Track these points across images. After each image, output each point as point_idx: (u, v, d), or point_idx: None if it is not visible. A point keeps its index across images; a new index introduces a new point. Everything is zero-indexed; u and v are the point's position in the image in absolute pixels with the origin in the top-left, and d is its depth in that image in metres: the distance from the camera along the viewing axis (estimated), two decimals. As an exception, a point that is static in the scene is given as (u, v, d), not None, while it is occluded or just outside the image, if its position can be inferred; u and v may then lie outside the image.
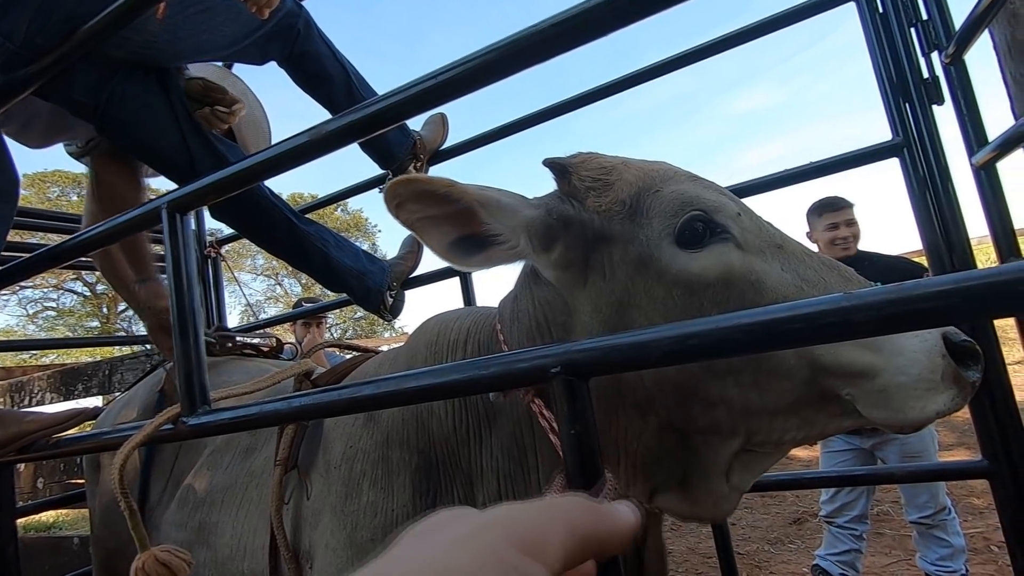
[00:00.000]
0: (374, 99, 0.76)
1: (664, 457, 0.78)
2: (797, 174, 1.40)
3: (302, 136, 0.82)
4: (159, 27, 1.33)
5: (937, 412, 0.65)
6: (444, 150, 2.05)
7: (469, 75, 0.69)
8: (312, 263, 1.81)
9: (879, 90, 1.30)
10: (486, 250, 0.82)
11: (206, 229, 2.81)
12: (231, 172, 0.89)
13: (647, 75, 1.64)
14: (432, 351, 0.98)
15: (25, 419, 1.26)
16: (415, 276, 2.03)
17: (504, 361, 0.65)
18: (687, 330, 0.54)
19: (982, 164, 1.16)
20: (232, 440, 1.31)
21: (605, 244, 0.78)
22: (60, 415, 1.27)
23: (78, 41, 1.11)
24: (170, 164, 1.55)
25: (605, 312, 0.77)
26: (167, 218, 0.94)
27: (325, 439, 1.07)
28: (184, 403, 0.92)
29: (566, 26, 0.62)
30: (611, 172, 0.81)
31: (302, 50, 1.70)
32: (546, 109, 1.78)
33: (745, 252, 0.74)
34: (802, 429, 0.73)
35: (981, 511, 3.71)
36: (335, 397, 0.78)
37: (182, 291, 0.94)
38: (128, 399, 1.68)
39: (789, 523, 4.09)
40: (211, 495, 1.25)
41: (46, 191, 19.53)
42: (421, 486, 0.91)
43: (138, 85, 1.45)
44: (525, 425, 0.85)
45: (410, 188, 0.77)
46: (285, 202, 1.80)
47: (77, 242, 1.08)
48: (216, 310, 2.59)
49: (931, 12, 1.24)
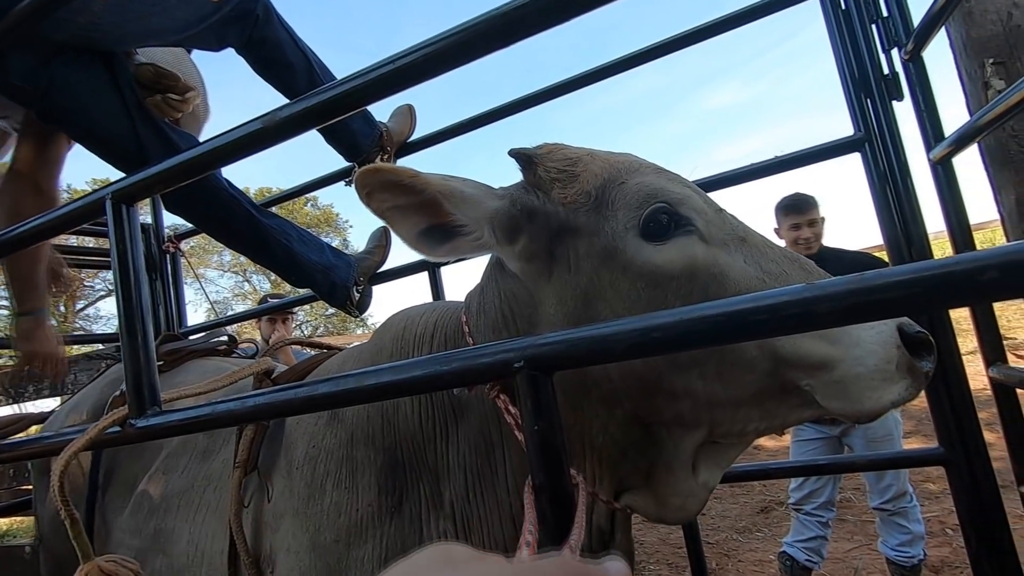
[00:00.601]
0: (332, 83, 0.73)
1: (629, 450, 0.78)
2: (762, 168, 1.42)
3: (255, 123, 0.78)
4: (103, 8, 1.26)
5: (892, 402, 0.67)
6: (412, 142, 2.01)
7: (431, 59, 0.67)
8: (275, 258, 1.76)
9: (841, 85, 1.32)
10: (452, 240, 0.81)
11: (165, 224, 2.71)
12: (180, 160, 0.85)
13: (618, 67, 1.63)
14: (398, 346, 0.96)
15: None
16: (383, 271, 1.98)
17: (466, 356, 0.63)
18: (651, 323, 0.53)
19: (939, 159, 1.19)
20: (188, 442, 1.26)
21: (570, 236, 0.78)
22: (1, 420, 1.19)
23: (10, 23, 1.03)
24: (118, 154, 1.47)
25: (570, 305, 0.76)
26: (111, 209, 0.89)
27: (287, 439, 1.04)
28: (132, 404, 0.87)
29: (530, 8, 0.60)
30: (577, 163, 0.80)
31: (261, 36, 1.64)
32: (517, 100, 1.76)
33: (709, 245, 0.74)
34: (764, 420, 0.73)
35: (937, 496, 3.86)
36: (292, 396, 0.75)
37: (128, 286, 0.89)
38: (78, 401, 1.60)
39: (756, 512, 4.18)
40: (167, 500, 1.20)
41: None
42: (387, 485, 0.89)
43: (83, 70, 1.36)
44: (492, 420, 0.84)
45: (377, 178, 0.77)
46: (245, 195, 1.73)
47: (11, 236, 1.01)
48: (176, 309, 2.50)
49: (891, 9, 1.27)
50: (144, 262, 0.94)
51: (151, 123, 1.47)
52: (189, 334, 2.42)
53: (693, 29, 1.52)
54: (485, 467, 0.84)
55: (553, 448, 0.58)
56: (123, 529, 1.28)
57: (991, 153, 1.29)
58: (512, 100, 1.77)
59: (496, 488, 0.83)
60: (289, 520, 0.95)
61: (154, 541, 1.17)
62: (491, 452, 0.84)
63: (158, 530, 1.17)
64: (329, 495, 0.92)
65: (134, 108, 1.44)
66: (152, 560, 1.13)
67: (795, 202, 2.89)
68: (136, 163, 1.46)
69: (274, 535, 0.97)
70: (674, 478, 0.77)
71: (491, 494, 0.84)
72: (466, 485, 0.85)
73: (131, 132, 1.42)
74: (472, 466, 0.85)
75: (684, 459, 0.77)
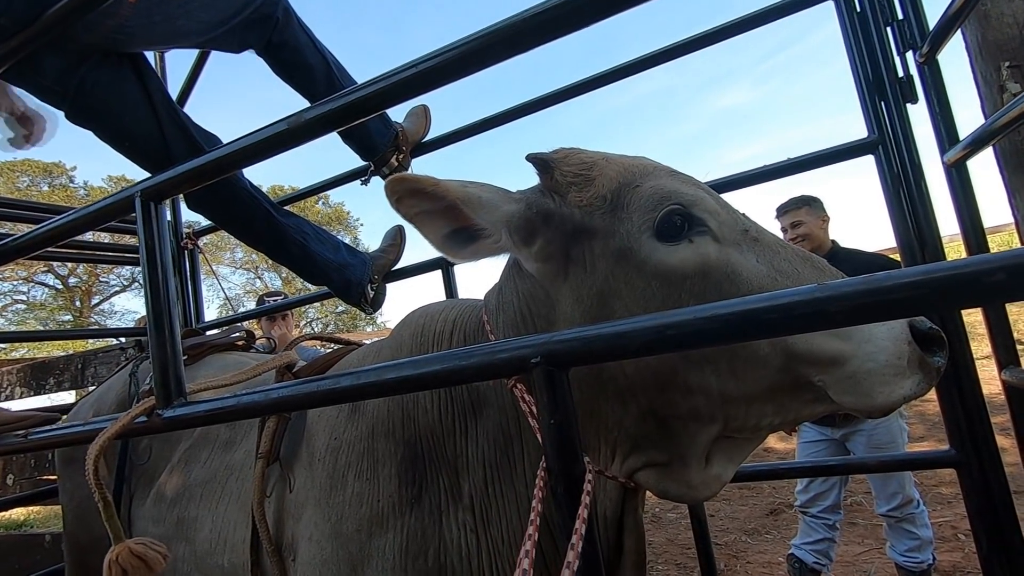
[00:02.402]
0: (354, 87, 0.75)
1: (644, 443, 0.80)
2: (775, 170, 1.42)
3: (281, 124, 0.80)
4: (131, 11, 1.29)
5: (903, 397, 0.68)
6: (427, 142, 2.03)
7: (451, 64, 0.69)
8: (292, 256, 1.79)
9: (856, 88, 1.32)
10: (475, 243, 0.85)
11: (183, 220, 2.76)
12: (208, 159, 0.88)
13: (629, 70, 1.64)
14: (418, 342, 0.99)
15: None
16: (397, 269, 2.01)
17: (485, 352, 0.65)
18: (665, 320, 0.55)
19: (953, 162, 1.19)
20: (210, 434, 1.30)
21: (586, 237, 0.80)
22: (15, 414, 1.23)
23: (45, 24, 1.07)
24: (145, 153, 1.51)
25: (587, 303, 0.78)
26: (141, 207, 0.92)
27: (308, 431, 1.07)
28: (159, 395, 0.90)
29: (548, 16, 0.62)
30: (592, 167, 0.82)
31: (281, 39, 1.67)
32: (529, 102, 1.78)
33: (722, 245, 0.76)
34: (778, 415, 0.75)
35: (949, 500, 3.83)
36: (314, 388, 0.77)
37: (157, 283, 0.92)
38: (101, 393, 1.64)
39: (766, 514, 4.17)
40: (189, 489, 1.23)
41: (15, 180, 18.94)
42: (407, 476, 0.92)
43: (111, 72, 1.40)
44: (511, 414, 0.86)
45: (404, 185, 0.81)
46: (264, 194, 1.77)
47: (44, 232, 1.05)
48: (193, 304, 2.54)
49: (907, 12, 1.27)
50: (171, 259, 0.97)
51: (177, 123, 1.51)
52: (206, 329, 2.46)
53: (706, 32, 1.52)
54: (504, 461, 0.86)
55: (568, 441, 0.60)
56: (145, 517, 1.31)
57: (1006, 156, 1.28)
58: (524, 102, 1.79)
59: (515, 481, 0.85)
60: (311, 509, 0.98)
61: (176, 529, 1.20)
62: (509, 446, 0.86)
63: (181, 518, 1.20)
64: (351, 486, 0.94)
65: (161, 108, 1.47)
66: (175, 547, 1.17)
67: (781, 205, 2.98)
68: (161, 162, 1.50)
69: (296, 524, 1.00)
70: (687, 469, 0.79)
71: (510, 487, 0.86)
72: (485, 478, 0.87)
73: (157, 132, 1.46)
74: (491, 460, 0.87)
75: (698, 452, 0.78)
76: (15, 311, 19.19)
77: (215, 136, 1.66)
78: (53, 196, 18.91)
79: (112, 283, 21.08)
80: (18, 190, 18.67)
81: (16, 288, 19.03)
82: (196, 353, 1.57)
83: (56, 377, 2.94)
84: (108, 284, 21.05)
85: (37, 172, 19.45)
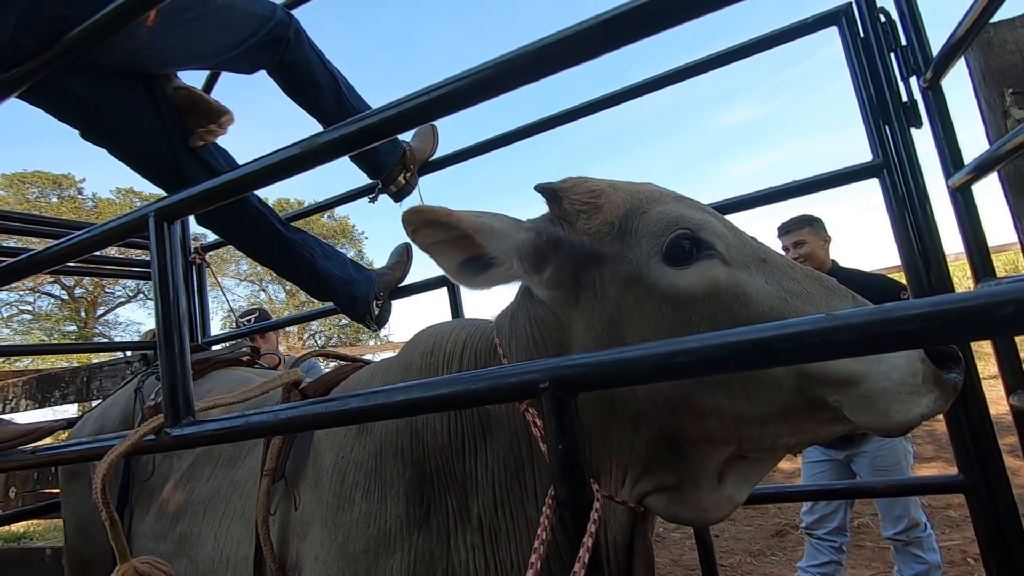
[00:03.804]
0: (367, 113, 0.76)
1: (655, 465, 0.80)
2: (781, 192, 1.43)
3: (294, 148, 0.82)
4: (148, 34, 1.32)
5: (921, 415, 0.68)
6: (434, 160, 2.06)
7: (462, 91, 0.70)
8: (299, 272, 1.80)
9: (860, 112, 1.33)
10: (488, 271, 0.87)
11: (190, 234, 2.78)
12: (221, 182, 0.89)
13: (635, 92, 1.66)
14: (427, 362, 0.99)
15: None
16: (403, 286, 2.02)
17: (494, 376, 0.66)
18: (675, 347, 0.55)
19: (958, 186, 1.20)
20: (213, 450, 1.30)
21: (596, 264, 0.80)
22: (22, 428, 1.23)
23: (65, 46, 1.10)
24: (156, 172, 1.53)
25: (598, 329, 0.79)
26: (154, 226, 0.94)
27: (315, 449, 1.07)
28: (168, 413, 0.91)
29: (559, 47, 0.63)
30: (600, 195, 0.84)
31: (291, 59, 1.70)
32: (537, 122, 1.80)
33: (730, 267, 0.77)
34: (794, 435, 0.75)
35: (958, 523, 3.77)
36: (323, 409, 0.78)
37: (168, 300, 0.93)
38: (106, 408, 1.65)
39: (771, 535, 4.12)
40: (192, 506, 1.23)
41: (25, 192, 19.16)
42: (415, 497, 0.92)
43: (126, 93, 1.43)
44: (523, 437, 0.86)
45: (420, 216, 0.84)
46: (272, 210, 1.79)
47: (62, 248, 1.06)
48: (200, 318, 2.55)
49: (910, 38, 1.28)
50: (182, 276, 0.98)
51: (189, 144, 1.53)
52: (211, 344, 2.47)
53: (711, 56, 1.54)
54: (514, 483, 0.86)
55: (576, 466, 0.60)
56: (147, 535, 1.31)
57: (1011, 181, 1.29)
58: (532, 122, 1.81)
59: (525, 505, 0.85)
60: (317, 529, 0.98)
61: (179, 546, 1.20)
62: (520, 469, 0.86)
63: (183, 535, 1.20)
64: (358, 506, 0.94)
65: (172, 129, 1.50)
66: (177, 564, 1.16)
67: (782, 224, 3.00)
68: (173, 180, 1.53)
69: (301, 543, 0.99)
70: (699, 491, 0.78)
71: (520, 510, 0.85)
72: (495, 500, 0.87)
73: (169, 152, 1.49)
74: (501, 482, 0.87)
75: (710, 474, 0.78)
76: (20, 321, 19.28)
77: (228, 153, 1.69)
78: (62, 208, 19.12)
79: (117, 294, 21.19)
80: (28, 201, 18.86)
81: (22, 298, 19.14)
82: (201, 368, 1.58)
83: (62, 390, 2.95)
84: (113, 295, 21.17)
85: (47, 184, 19.66)
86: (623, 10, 0.60)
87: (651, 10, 0.59)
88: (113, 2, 0.98)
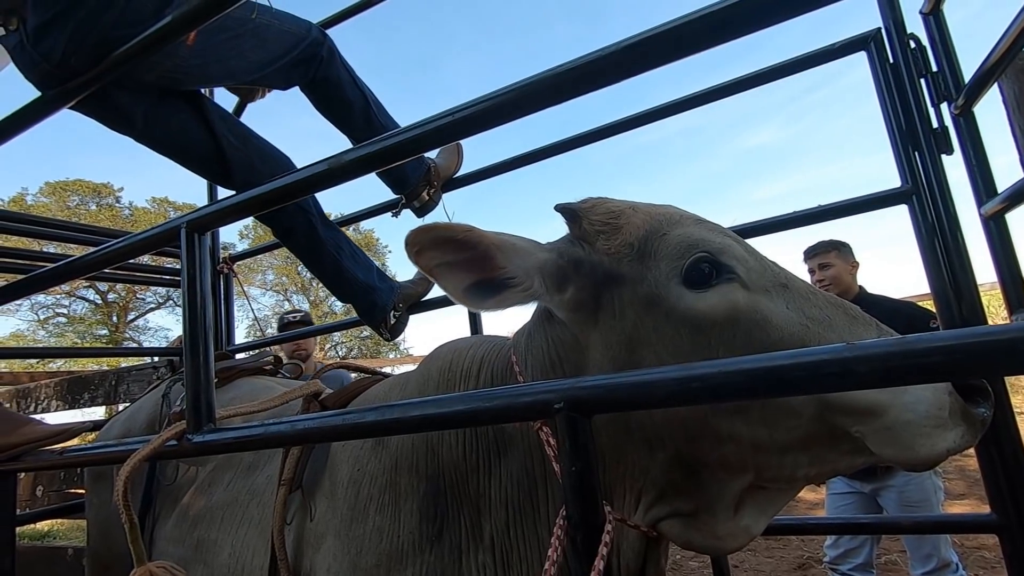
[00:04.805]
0: (392, 132, 0.79)
1: (670, 491, 0.79)
2: (808, 216, 1.41)
3: (321, 164, 0.84)
4: (189, 52, 1.39)
5: (947, 450, 0.65)
6: (458, 178, 2.09)
7: (485, 113, 0.72)
8: (324, 268, 1.84)
9: (888, 138, 1.31)
10: (501, 293, 0.85)
11: (220, 244, 2.86)
12: (250, 196, 0.92)
13: (661, 113, 1.66)
14: (445, 378, 0.99)
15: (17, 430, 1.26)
16: (424, 300, 2.04)
17: (509, 394, 0.66)
18: (691, 372, 0.55)
19: (991, 215, 1.17)
20: (234, 457, 1.32)
21: (615, 285, 0.80)
22: (53, 428, 1.27)
23: (110, 65, 1.16)
24: (207, 172, 1.66)
25: (616, 350, 0.79)
26: (185, 237, 0.97)
27: (331, 460, 1.08)
28: (190, 420, 0.93)
29: (580, 72, 0.65)
30: (619, 216, 0.84)
31: (324, 76, 1.75)
32: (559, 143, 1.81)
33: (751, 291, 0.76)
34: (814, 465, 0.73)
35: (993, 565, 3.59)
36: (340, 422, 0.79)
37: (195, 310, 0.96)
38: (133, 412, 1.69)
39: (793, 568, 3.98)
40: (211, 512, 1.25)
41: (66, 200, 19.96)
42: (428, 513, 0.91)
43: (170, 107, 1.53)
44: (537, 457, 0.85)
45: (429, 235, 0.81)
46: (317, 204, 1.83)
47: (95, 258, 1.11)
48: (225, 327, 2.61)
49: (941, 64, 1.26)
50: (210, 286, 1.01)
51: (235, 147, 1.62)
52: (235, 353, 2.52)
53: (738, 79, 1.54)
54: (527, 503, 0.86)
55: (589, 488, 0.60)
56: (166, 538, 1.33)
57: (1047, 210, 1.25)
58: (554, 142, 1.83)
59: (537, 525, 0.85)
60: (331, 540, 0.98)
61: (196, 551, 1.21)
62: (534, 489, 0.85)
63: (201, 540, 1.22)
64: (372, 519, 0.94)
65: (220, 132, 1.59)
66: (193, 569, 1.17)
67: (810, 247, 2.96)
68: (221, 180, 1.67)
69: (315, 554, 1.00)
70: (715, 520, 0.77)
71: (532, 531, 0.85)
72: (507, 520, 0.86)
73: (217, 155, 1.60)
74: (514, 501, 0.86)
75: (727, 502, 0.77)
76: (56, 324, 19.94)
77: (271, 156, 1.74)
78: (100, 215, 19.85)
79: (148, 300, 21.81)
80: (68, 208, 19.64)
81: (58, 301, 19.82)
82: (226, 376, 1.61)
83: (91, 392, 3.03)
84: (144, 301, 21.79)
85: (87, 192, 20.47)
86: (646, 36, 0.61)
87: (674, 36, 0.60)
88: (156, 23, 1.03)
